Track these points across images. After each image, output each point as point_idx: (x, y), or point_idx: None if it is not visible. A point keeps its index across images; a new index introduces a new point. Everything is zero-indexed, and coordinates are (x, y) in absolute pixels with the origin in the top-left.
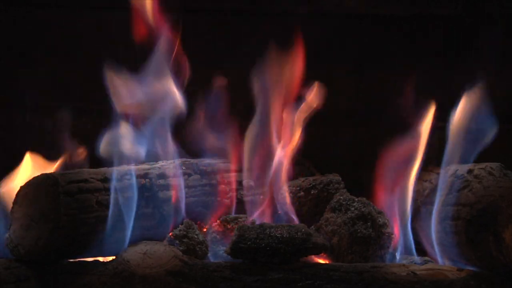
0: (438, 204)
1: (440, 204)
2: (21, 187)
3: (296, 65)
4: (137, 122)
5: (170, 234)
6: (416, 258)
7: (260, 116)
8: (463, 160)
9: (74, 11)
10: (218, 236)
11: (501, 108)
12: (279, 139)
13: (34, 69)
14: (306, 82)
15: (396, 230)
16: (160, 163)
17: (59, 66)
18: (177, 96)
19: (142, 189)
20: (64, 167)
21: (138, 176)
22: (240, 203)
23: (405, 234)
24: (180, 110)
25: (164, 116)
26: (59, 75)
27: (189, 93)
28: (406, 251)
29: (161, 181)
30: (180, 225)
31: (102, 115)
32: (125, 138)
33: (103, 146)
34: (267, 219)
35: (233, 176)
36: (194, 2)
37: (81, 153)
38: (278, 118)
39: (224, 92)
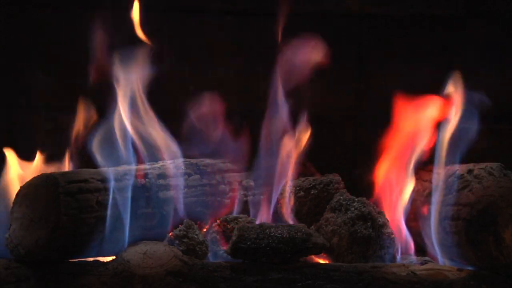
0: (438, 204)
1: (440, 204)
2: (21, 187)
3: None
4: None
5: (170, 234)
6: (413, 258)
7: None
8: (452, 160)
9: (74, 11)
10: (218, 236)
11: (500, 108)
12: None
13: (33, 69)
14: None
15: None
16: (160, 163)
17: (59, 67)
18: None
19: (142, 189)
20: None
21: (138, 176)
22: (240, 203)
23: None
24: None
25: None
26: (59, 75)
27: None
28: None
29: (161, 181)
30: (180, 225)
31: (102, 114)
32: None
33: (95, 144)
34: (267, 219)
35: (233, 176)
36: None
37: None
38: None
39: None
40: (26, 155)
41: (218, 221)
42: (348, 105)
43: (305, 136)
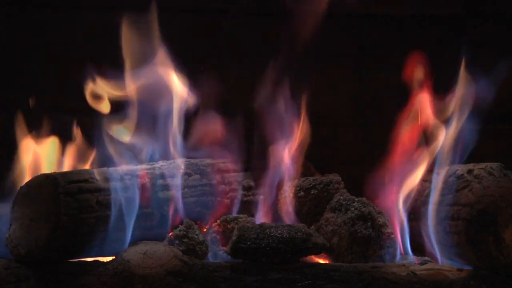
0: (437, 204)
1: (440, 204)
2: (21, 187)
3: None
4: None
5: (170, 234)
6: (412, 257)
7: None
8: (454, 161)
9: (73, 11)
10: (218, 236)
11: (500, 108)
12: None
13: (32, 69)
14: (307, 81)
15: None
16: (160, 163)
17: (59, 67)
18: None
19: (142, 189)
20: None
21: (139, 176)
22: (240, 203)
23: (402, 234)
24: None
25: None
26: (59, 75)
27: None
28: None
29: (161, 181)
30: (180, 225)
31: (101, 115)
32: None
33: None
34: (267, 219)
35: (233, 176)
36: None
37: None
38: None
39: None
40: None
41: (218, 221)
42: (348, 105)
43: (304, 134)
